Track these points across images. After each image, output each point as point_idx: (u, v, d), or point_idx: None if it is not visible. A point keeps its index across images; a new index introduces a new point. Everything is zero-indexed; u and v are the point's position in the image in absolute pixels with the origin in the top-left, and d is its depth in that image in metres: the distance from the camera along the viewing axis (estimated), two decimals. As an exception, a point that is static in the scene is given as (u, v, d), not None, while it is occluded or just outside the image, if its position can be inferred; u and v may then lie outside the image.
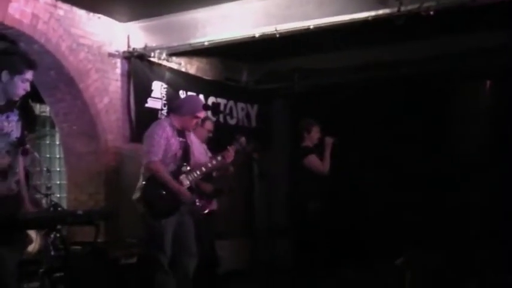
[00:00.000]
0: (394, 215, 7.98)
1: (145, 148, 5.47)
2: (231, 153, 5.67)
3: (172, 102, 6.53)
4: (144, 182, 5.44)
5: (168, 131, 5.46)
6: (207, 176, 6.22)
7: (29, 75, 4.09)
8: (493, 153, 7.76)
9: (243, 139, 5.85)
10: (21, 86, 4.06)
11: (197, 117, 5.63)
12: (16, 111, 4.16)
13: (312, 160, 6.98)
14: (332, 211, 7.13)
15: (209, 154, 6.28)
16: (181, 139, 5.55)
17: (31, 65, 4.11)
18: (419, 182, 7.95)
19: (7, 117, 4.06)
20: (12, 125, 4.09)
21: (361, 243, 7.99)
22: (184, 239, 5.49)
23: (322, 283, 6.91)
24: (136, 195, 5.49)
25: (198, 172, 5.57)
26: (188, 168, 5.53)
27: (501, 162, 7.62)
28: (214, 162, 5.69)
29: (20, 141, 4.19)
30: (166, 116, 5.75)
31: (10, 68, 3.99)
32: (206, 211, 6.29)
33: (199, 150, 5.95)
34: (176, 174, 5.45)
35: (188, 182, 5.49)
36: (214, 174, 6.65)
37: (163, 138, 5.40)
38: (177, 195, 5.37)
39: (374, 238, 7.91)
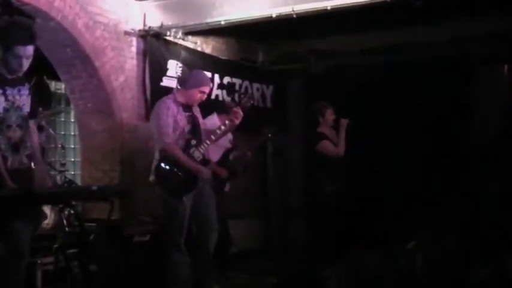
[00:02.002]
0: (407, 199, 7.95)
1: (156, 130, 5.48)
2: (238, 113, 5.59)
3: (181, 78, 6.52)
4: (158, 163, 5.45)
5: (173, 107, 5.46)
6: (223, 159, 6.23)
7: (21, 51, 3.97)
8: (509, 139, 7.69)
9: (246, 98, 5.85)
10: (14, 62, 3.98)
11: (202, 91, 5.60)
12: (27, 85, 4.16)
13: (326, 145, 6.98)
14: (347, 194, 7.12)
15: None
16: (187, 113, 5.54)
17: (22, 40, 3.99)
18: (434, 165, 7.91)
19: (18, 90, 4.06)
20: (24, 99, 4.09)
21: (374, 226, 7.97)
22: (204, 212, 5.52)
23: (334, 265, 6.91)
24: (152, 176, 5.50)
25: (208, 142, 5.56)
26: (196, 140, 5.51)
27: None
28: (223, 127, 5.63)
29: (31, 116, 4.20)
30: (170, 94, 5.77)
31: (2, 43, 3.93)
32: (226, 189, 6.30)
33: (212, 124, 5.91)
34: (186, 148, 5.45)
35: (200, 155, 5.48)
36: (231, 157, 6.68)
37: (170, 116, 5.40)
38: (194, 174, 5.36)
39: (386, 221, 7.89)
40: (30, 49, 4.04)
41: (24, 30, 4.09)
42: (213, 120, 6.49)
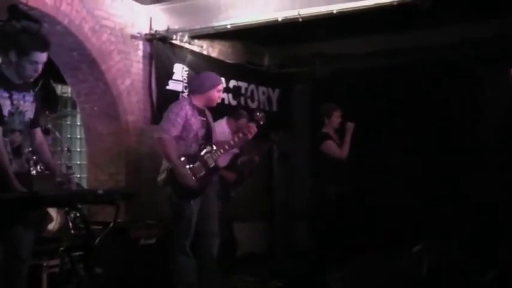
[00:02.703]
0: (413, 202, 7.94)
1: (161, 124, 5.52)
2: (252, 129, 5.62)
3: (192, 84, 6.55)
4: (167, 166, 5.44)
5: (188, 110, 5.45)
6: (231, 164, 6.24)
7: (37, 57, 4.02)
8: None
9: (261, 115, 5.83)
10: (29, 67, 4.01)
11: (219, 90, 5.65)
12: (32, 93, 4.18)
13: (330, 146, 6.99)
14: (351, 196, 7.12)
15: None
16: (202, 118, 5.55)
17: (42, 46, 4.05)
18: (440, 168, 7.90)
19: (23, 96, 4.08)
20: (28, 105, 4.11)
21: (380, 229, 7.97)
22: (208, 218, 5.51)
23: (339, 268, 6.91)
24: (161, 176, 5.51)
25: (222, 150, 5.58)
26: (212, 148, 5.53)
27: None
28: (236, 139, 5.66)
29: (33, 123, 4.22)
30: (186, 96, 5.77)
31: (17, 49, 3.96)
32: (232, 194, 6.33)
33: (220, 129, 5.93)
34: (198, 154, 5.45)
35: (213, 162, 5.50)
36: (239, 162, 6.69)
37: (180, 116, 5.40)
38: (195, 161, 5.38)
39: (392, 225, 7.89)
40: (45, 56, 4.09)
41: (39, 37, 4.10)
42: (222, 125, 6.52)
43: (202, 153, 5.48)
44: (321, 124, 7.15)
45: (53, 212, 5.88)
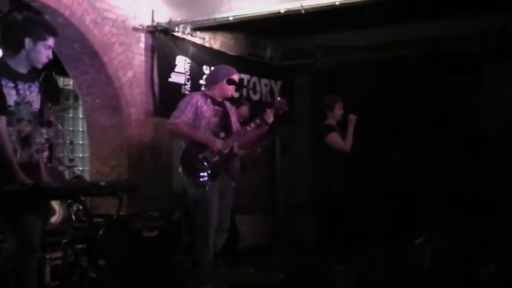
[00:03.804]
0: (415, 195, 7.94)
1: (171, 115, 5.54)
2: (269, 114, 5.53)
3: (208, 76, 6.55)
4: (183, 152, 5.50)
5: (199, 98, 5.52)
6: (233, 155, 6.24)
7: (51, 41, 4.11)
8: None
9: (283, 101, 5.72)
10: (45, 52, 4.08)
11: (232, 80, 5.61)
12: (37, 83, 4.19)
13: (333, 138, 6.97)
14: (353, 188, 7.11)
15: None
16: (217, 107, 5.58)
17: (53, 32, 4.13)
18: (442, 162, 7.89)
19: (29, 86, 4.09)
20: (34, 96, 4.12)
21: (381, 222, 7.96)
22: (222, 213, 5.51)
23: (342, 260, 6.91)
24: (180, 168, 5.54)
25: (237, 136, 5.58)
26: (226, 135, 5.54)
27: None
28: (252, 124, 5.57)
29: (40, 113, 4.23)
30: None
31: (33, 35, 4.01)
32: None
33: (236, 122, 5.92)
34: None
35: (227, 148, 5.50)
36: (241, 153, 6.68)
37: (190, 104, 5.45)
38: (205, 145, 5.40)
39: (394, 217, 7.88)
40: (53, 41, 4.18)
41: (47, 23, 4.17)
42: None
43: None
44: (323, 116, 7.13)
45: (55, 204, 5.88)
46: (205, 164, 5.37)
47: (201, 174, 5.36)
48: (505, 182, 7.59)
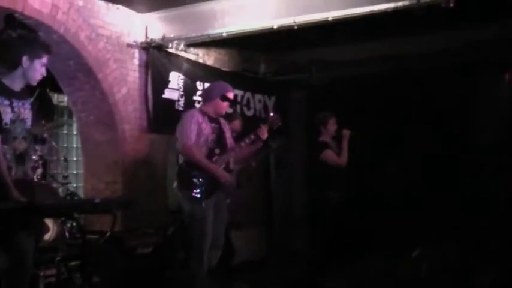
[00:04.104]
0: (411, 207, 7.94)
1: (179, 135, 5.53)
2: (263, 130, 5.64)
3: (203, 92, 6.59)
4: (180, 168, 5.53)
5: (198, 116, 5.55)
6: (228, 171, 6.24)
7: (45, 59, 4.15)
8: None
9: (276, 116, 5.82)
10: (40, 70, 4.12)
11: (226, 97, 5.65)
12: (29, 100, 4.21)
13: (328, 155, 6.98)
14: (349, 203, 7.12)
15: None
16: (213, 124, 5.61)
17: (48, 49, 4.17)
18: (438, 174, 7.91)
19: (23, 104, 4.11)
20: (27, 113, 4.14)
21: (378, 235, 7.96)
22: (216, 230, 5.53)
23: (338, 274, 6.91)
24: (176, 182, 5.56)
25: (232, 153, 5.64)
26: (222, 151, 5.58)
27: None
28: (247, 141, 5.67)
29: (34, 130, 4.25)
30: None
31: (30, 53, 4.03)
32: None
33: (230, 138, 5.94)
34: (209, 157, 5.51)
35: (223, 163, 5.54)
36: (234, 167, 6.68)
37: (194, 122, 5.48)
38: (214, 180, 5.42)
39: (391, 230, 7.88)
40: (47, 58, 4.22)
41: (42, 41, 4.21)
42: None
43: (212, 156, 5.53)
44: (317, 133, 7.14)
45: (49, 221, 5.86)
46: (201, 180, 5.39)
47: (197, 190, 5.38)
48: (501, 192, 7.61)
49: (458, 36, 7.74)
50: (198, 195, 5.38)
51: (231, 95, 5.76)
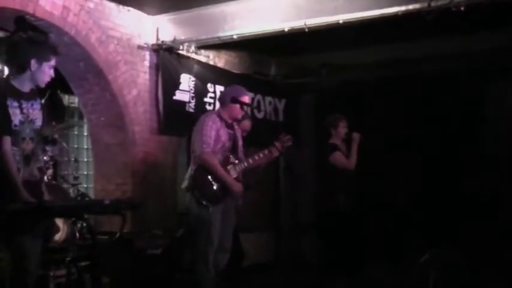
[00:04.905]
0: (420, 213, 7.92)
1: (197, 139, 5.50)
2: (278, 148, 5.69)
3: (220, 96, 6.61)
4: (193, 171, 5.49)
5: (218, 122, 5.54)
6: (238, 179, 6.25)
7: (53, 61, 4.19)
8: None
9: (288, 137, 5.83)
10: (48, 72, 4.16)
11: (241, 102, 5.63)
12: (39, 100, 4.24)
13: (337, 157, 6.95)
14: (358, 207, 7.10)
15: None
16: (230, 131, 5.62)
17: (55, 51, 4.21)
18: (447, 180, 7.88)
19: (32, 104, 4.13)
20: (36, 113, 4.16)
21: (386, 240, 7.95)
22: (225, 234, 5.54)
23: (346, 279, 6.89)
24: (185, 183, 5.56)
25: (246, 164, 5.63)
26: (236, 160, 5.60)
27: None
28: (261, 155, 5.69)
29: (43, 130, 4.27)
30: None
31: (38, 56, 4.06)
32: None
33: (242, 145, 5.94)
34: (224, 165, 5.52)
35: (236, 174, 5.55)
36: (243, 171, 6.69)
37: (214, 129, 5.48)
38: (227, 187, 5.44)
39: (398, 235, 7.87)
40: (55, 60, 4.26)
41: (50, 43, 4.27)
42: None
43: (226, 164, 5.54)
44: (327, 135, 7.13)
45: (59, 222, 5.88)
46: (212, 185, 5.41)
47: (207, 195, 5.38)
48: (505, 198, 7.59)
49: (468, 42, 7.71)
50: (208, 201, 5.39)
51: (246, 99, 5.74)
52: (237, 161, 5.60)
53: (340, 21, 6.25)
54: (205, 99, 7.84)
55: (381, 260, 7.44)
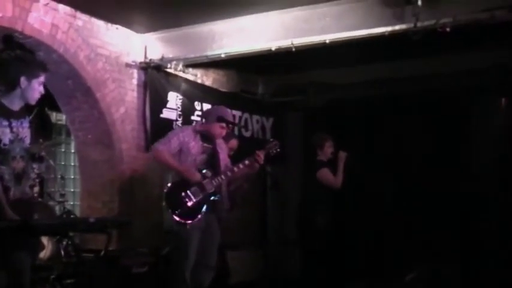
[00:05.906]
0: (405, 230, 7.94)
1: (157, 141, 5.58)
2: (259, 156, 5.58)
3: (205, 111, 6.61)
4: (167, 189, 5.49)
5: (189, 133, 5.55)
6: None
7: (43, 78, 4.19)
8: (508, 170, 7.69)
9: (275, 142, 5.81)
10: (38, 89, 4.15)
11: (227, 121, 5.65)
12: (28, 118, 4.24)
13: (325, 174, 6.96)
14: (342, 225, 7.11)
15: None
16: (206, 145, 5.59)
17: (45, 68, 4.21)
18: (433, 197, 7.91)
19: (21, 123, 4.13)
20: (25, 131, 4.16)
21: (372, 258, 7.96)
22: (207, 251, 5.51)
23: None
24: (164, 202, 5.52)
25: (223, 176, 5.57)
26: (213, 173, 5.52)
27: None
28: (240, 166, 5.61)
29: (32, 148, 4.27)
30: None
31: (27, 73, 4.07)
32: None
33: (226, 159, 5.92)
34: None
35: (212, 187, 5.49)
36: (228, 189, 6.67)
37: (178, 136, 5.50)
38: (183, 177, 5.40)
39: (384, 253, 7.88)
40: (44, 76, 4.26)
41: (39, 60, 4.27)
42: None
43: (202, 178, 5.48)
44: (314, 155, 7.15)
45: (44, 239, 5.87)
46: (186, 201, 5.38)
47: (182, 211, 5.35)
48: (493, 213, 7.63)
49: (454, 61, 7.79)
50: (182, 216, 5.35)
51: (229, 119, 5.75)
52: (213, 174, 5.53)
53: (327, 41, 6.30)
54: (193, 117, 7.86)
55: (367, 279, 7.44)
